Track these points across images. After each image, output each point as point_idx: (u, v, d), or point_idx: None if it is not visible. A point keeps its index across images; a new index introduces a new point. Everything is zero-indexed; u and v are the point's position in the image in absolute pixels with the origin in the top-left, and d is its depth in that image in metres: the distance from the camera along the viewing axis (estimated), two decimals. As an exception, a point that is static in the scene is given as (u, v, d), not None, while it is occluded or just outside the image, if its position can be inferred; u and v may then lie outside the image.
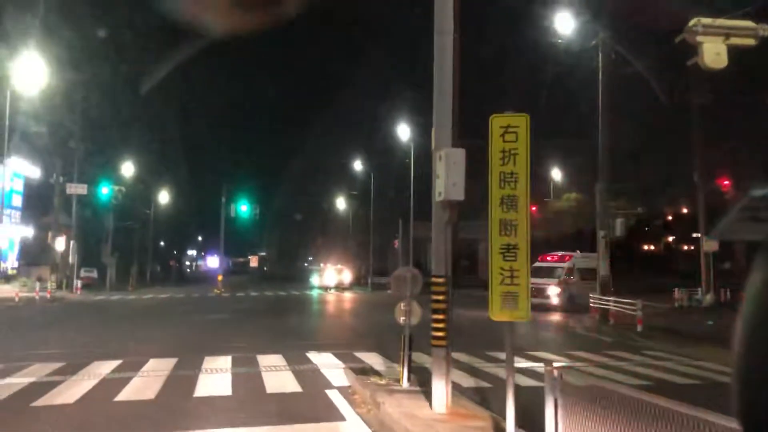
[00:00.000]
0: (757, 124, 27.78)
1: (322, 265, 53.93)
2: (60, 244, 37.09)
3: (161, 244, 70.00)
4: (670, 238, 54.75)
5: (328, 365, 11.20)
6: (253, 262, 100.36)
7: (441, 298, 7.46)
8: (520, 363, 10.33)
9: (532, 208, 7.48)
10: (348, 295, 39.53)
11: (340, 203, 60.65)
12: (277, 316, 23.61)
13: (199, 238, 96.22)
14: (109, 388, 8.95)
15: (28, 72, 28.94)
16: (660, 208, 45.19)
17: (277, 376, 10.03)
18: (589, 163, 24.70)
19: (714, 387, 9.22)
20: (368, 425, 7.18)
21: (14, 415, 7.52)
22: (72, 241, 38.11)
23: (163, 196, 55.53)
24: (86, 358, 11.27)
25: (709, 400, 3.64)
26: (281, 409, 7.93)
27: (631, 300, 18.59)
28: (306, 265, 79.64)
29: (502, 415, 6.03)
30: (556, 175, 46.11)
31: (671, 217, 50.04)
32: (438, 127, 7.78)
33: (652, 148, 36.77)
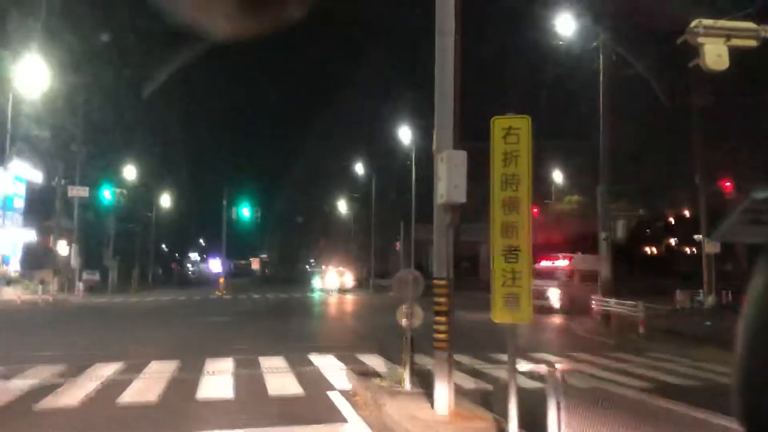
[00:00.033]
0: (759, 125, 27.71)
1: (324, 267, 53.89)
2: (62, 247, 37.12)
3: (163, 247, 70.06)
4: (672, 240, 54.64)
5: (330, 367, 11.20)
6: (255, 265, 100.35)
7: (443, 300, 7.46)
8: (522, 365, 10.33)
9: (534, 210, 7.47)
10: (349, 298, 39.50)
11: (342, 205, 60.61)
12: (278, 318, 23.62)
13: (201, 241, 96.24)
14: (111, 390, 8.96)
15: (30, 75, 29.00)
16: (661, 209, 45.06)
17: (279, 378, 10.04)
18: (590, 165, 24.68)
19: (716, 389, 9.20)
20: (370, 427, 7.18)
21: (16, 418, 7.53)
22: (74, 244, 38.15)
23: (165, 199, 55.60)
24: (88, 361, 11.28)
25: (710, 402, 3.64)
26: (283, 410, 7.94)
27: (633, 302, 18.57)
28: (307, 267, 79.67)
29: (505, 417, 6.04)
30: (558, 176, 46.05)
31: (673, 218, 49.95)
32: (439, 129, 7.78)
33: (654, 149, 36.67)
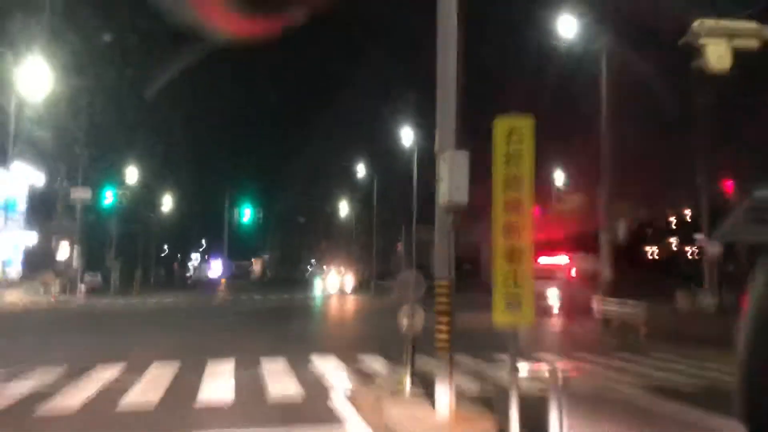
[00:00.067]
0: (761, 126, 27.67)
1: (325, 268, 53.92)
2: (64, 248, 37.14)
3: (165, 248, 70.05)
4: (673, 241, 54.59)
5: (332, 368, 11.19)
6: (256, 266, 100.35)
7: (444, 300, 7.44)
8: (524, 365, 10.31)
9: (535, 210, 7.45)
10: (351, 299, 39.49)
11: (343, 206, 60.60)
12: (280, 320, 23.62)
13: (203, 242, 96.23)
14: (112, 392, 8.95)
15: (34, 77, 29.01)
16: (663, 210, 45.04)
17: (280, 380, 10.02)
18: (592, 166, 24.66)
19: (718, 390, 9.18)
20: (372, 429, 7.17)
21: (17, 423, 7.50)
22: (76, 246, 38.18)
23: (167, 201, 55.61)
24: (90, 362, 11.27)
25: (713, 403, 3.63)
26: (284, 412, 7.93)
27: (634, 302, 18.53)
28: (309, 268, 79.69)
29: (507, 418, 6.02)
30: (559, 177, 46.00)
31: (674, 219, 49.92)
32: (441, 130, 7.76)
33: (655, 150, 36.63)
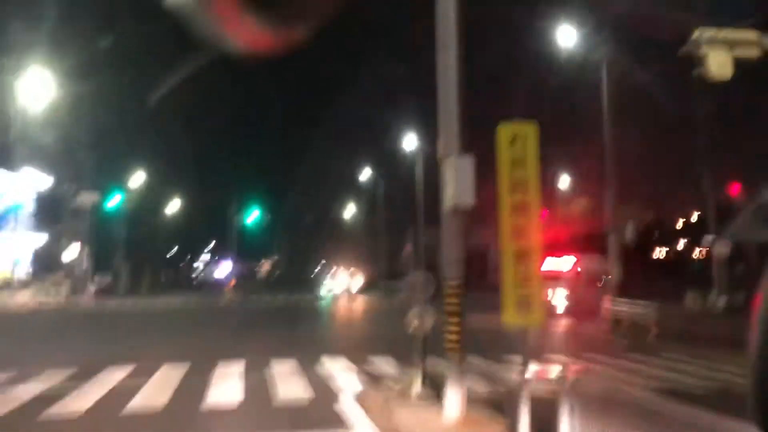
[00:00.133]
0: (763, 127, 27.55)
1: (334, 269, 53.96)
2: (73, 250, 37.34)
3: (174, 249, 70.31)
4: (682, 242, 54.39)
5: (341, 370, 11.21)
6: (265, 267, 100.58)
7: (454, 301, 7.44)
8: (534, 367, 10.28)
9: (542, 213, 7.47)
10: (360, 299, 39.51)
11: (351, 207, 60.64)
12: (289, 321, 23.66)
13: (212, 243, 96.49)
14: (120, 394, 8.96)
15: (40, 82, 29.23)
16: (670, 212, 44.93)
17: (290, 381, 10.04)
18: (600, 168, 24.60)
19: (730, 392, 9.13)
20: None
21: (23, 426, 7.51)
22: (85, 248, 38.39)
23: (176, 203, 55.75)
24: (100, 364, 11.31)
25: (725, 406, 3.62)
26: (293, 414, 7.95)
27: (644, 303, 18.48)
28: (318, 269, 79.68)
29: (517, 421, 6.01)
30: (566, 180, 45.90)
31: (682, 220, 49.76)
32: (445, 134, 7.76)
33: (662, 152, 36.51)
